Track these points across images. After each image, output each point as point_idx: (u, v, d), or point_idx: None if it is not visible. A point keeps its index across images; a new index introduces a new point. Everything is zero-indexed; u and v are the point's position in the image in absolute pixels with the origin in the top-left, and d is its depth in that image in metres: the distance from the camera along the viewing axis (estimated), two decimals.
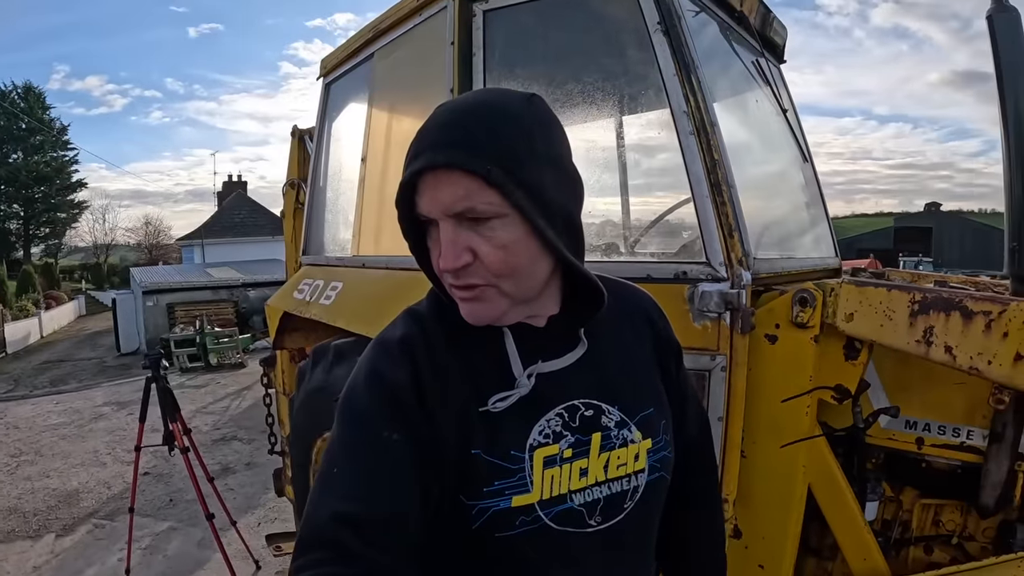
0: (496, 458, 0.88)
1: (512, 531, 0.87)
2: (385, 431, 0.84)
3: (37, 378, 14.98)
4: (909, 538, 2.02)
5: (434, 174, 0.83)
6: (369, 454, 0.83)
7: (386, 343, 0.94)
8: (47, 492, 6.37)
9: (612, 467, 0.95)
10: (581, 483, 0.92)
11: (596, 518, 0.93)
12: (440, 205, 0.83)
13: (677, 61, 1.90)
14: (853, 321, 1.74)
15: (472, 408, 0.89)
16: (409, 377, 0.88)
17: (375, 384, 0.89)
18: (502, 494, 0.87)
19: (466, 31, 2.32)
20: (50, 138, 48.16)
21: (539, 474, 0.89)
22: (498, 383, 0.91)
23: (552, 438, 0.91)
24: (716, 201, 1.84)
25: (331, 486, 0.82)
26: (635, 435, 0.98)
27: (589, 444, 0.94)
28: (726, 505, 1.91)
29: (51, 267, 40.23)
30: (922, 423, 1.91)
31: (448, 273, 0.87)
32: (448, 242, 0.84)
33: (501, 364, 0.93)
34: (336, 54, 3.49)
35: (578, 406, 0.95)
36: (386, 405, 0.86)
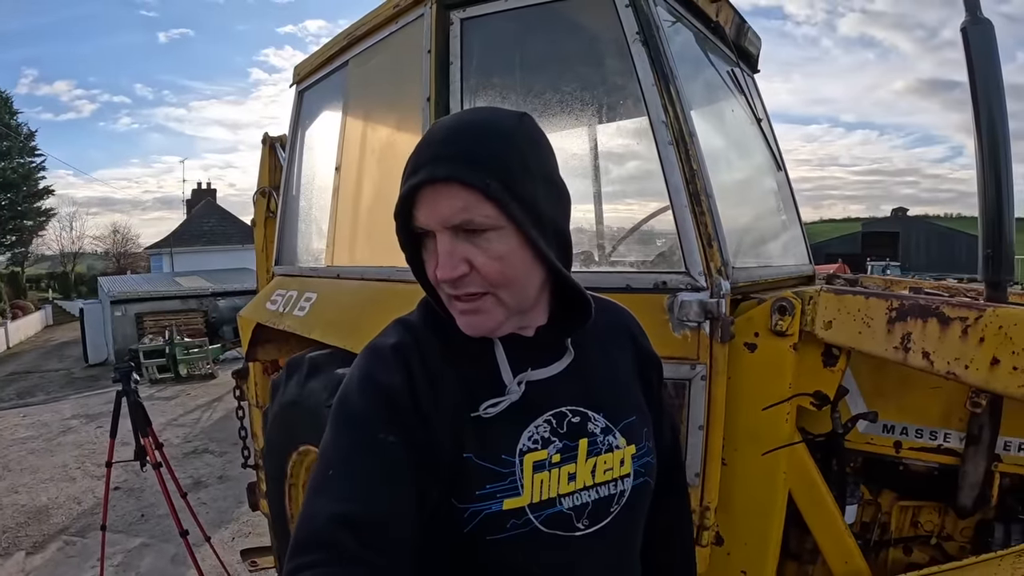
0: (487, 462, 0.90)
1: (503, 534, 0.89)
2: (380, 433, 0.85)
3: (3, 390, 14.62)
4: (888, 540, 2.04)
5: (433, 187, 0.86)
6: (365, 456, 0.84)
7: (379, 349, 0.95)
8: (16, 508, 6.21)
9: (599, 472, 0.98)
10: (570, 487, 0.95)
11: (584, 521, 0.95)
12: (439, 217, 0.87)
13: (656, 71, 1.90)
14: (832, 329, 1.76)
15: (464, 414, 0.91)
16: (403, 382, 0.89)
17: (369, 388, 0.90)
18: (493, 497, 0.89)
19: (443, 39, 2.31)
20: (17, 144, 47.01)
21: (529, 478, 0.91)
22: (489, 390, 0.94)
23: (541, 443, 0.94)
24: (695, 211, 1.85)
25: (327, 489, 0.82)
26: (620, 441, 1.02)
27: (576, 449, 0.97)
28: (708, 513, 1.92)
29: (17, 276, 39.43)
30: (899, 427, 1.94)
31: (446, 283, 0.90)
32: (446, 253, 0.87)
33: (491, 372, 0.95)
34: (310, 61, 3.44)
35: (565, 413, 0.98)
36: (380, 408, 0.87)
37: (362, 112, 3.02)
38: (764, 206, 2.91)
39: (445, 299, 0.94)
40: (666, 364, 1.86)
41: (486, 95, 2.39)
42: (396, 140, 2.72)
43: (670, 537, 1.30)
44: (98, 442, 8.59)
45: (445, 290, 0.92)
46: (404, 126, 2.51)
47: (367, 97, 2.97)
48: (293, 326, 2.93)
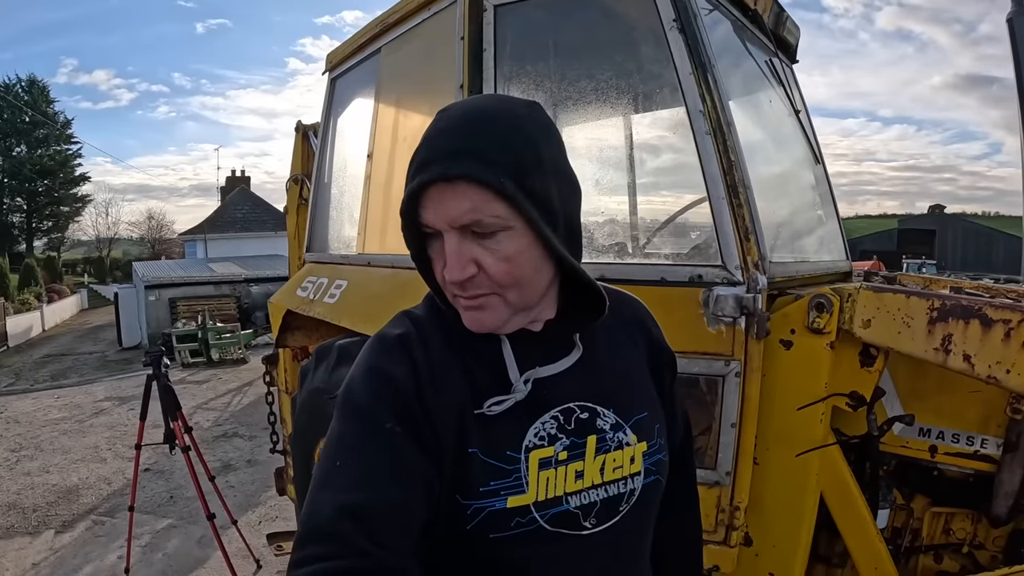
0: (492, 458, 0.88)
1: (507, 532, 0.87)
2: (387, 423, 0.84)
3: (38, 372, 14.98)
4: (919, 546, 2.00)
5: (441, 186, 0.82)
6: (370, 446, 0.83)
7: (384, 340, 0.94)
8: (47, 488, 6.34)
9: (608, 470, 0.96)
10: (577, 485, 0.92)
11: (591, 520, 0.93)
12: (446, 217, 0.84)
13: (693, 60, 1.86)
14: (870, 328, 1.71)
15: (469, 409, 0.89)
16: (408, 372, 0.88)
17: (374, 378, 0.89)
18: (497, 494, 0.87)
19: (476, 26, 2.29)
20: (54, 132, 48.20)
21: (534, 475, 0.89)
22: (495, 387, 0.92)
23: (548, 440, 0.92)
24: (732, 203, 1.81)
25: (332, 480, 0.81)
26: (630, 438, 0.99)
27: (584, 447, 0.94)
28: (737, 512, 1.88)
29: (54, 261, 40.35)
30: (936, 431, 1.89)
31: (454, 285, 0.88)
32: (453, 254, 0.85)
33: (497, 368, 0.93)
34: (342, 49, 3.45)
35: (573, 409, 0.95)
36: (386, 398, 0.86)
37: (394, 99, 3.01)
38: (802, 200, 2.85)
39: (450, 296, 0.92)
40: (700, 360, 1.85)
41: (520, 83, 2.36)
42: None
43: (677, 537, 1.26)
44: (129, 424, 8.74)
45: (452, 290, 0.90)
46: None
47: (399, 84, 2.96)
48: (323, 313, 2.94)
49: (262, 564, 4.48)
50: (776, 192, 2.62)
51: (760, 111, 2.56)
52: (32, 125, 46.06)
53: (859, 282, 2.40)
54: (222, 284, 18.75)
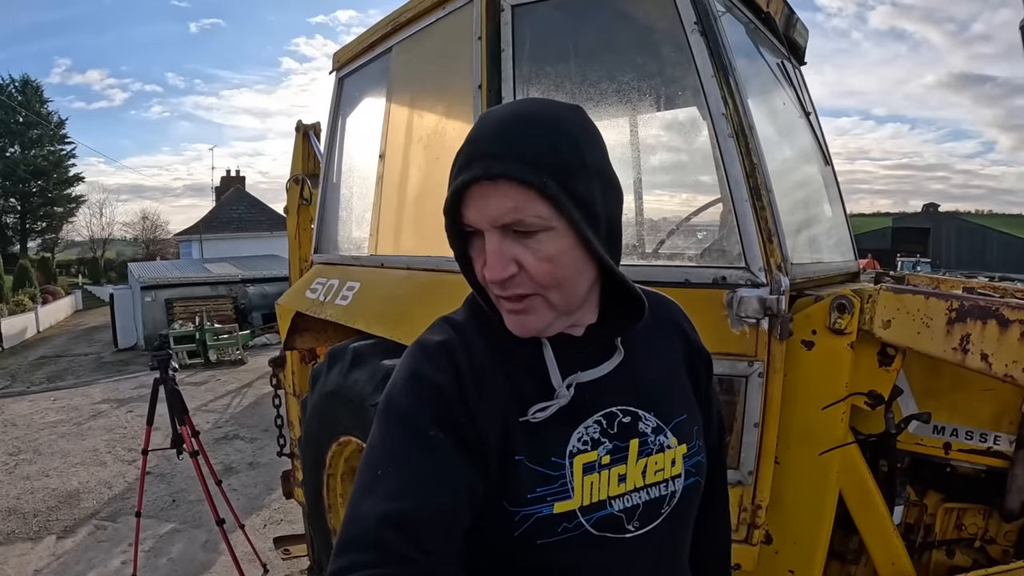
0: (538, 465, 0.89)
1: (554, 538, 0.87)
2: (431, 431, 0.84)
3: (34, 374, 14.88)
4: (932, 541, 2.03)
5: (484, 185, 0.83)
6: (414, 454, 0.83)
7: (426, 346, 0.93)
8: (47, 492, 6.30)
9: (650, 473, 0.97)
10: (620, 489, 0.93)
11: (635, 523, 0.94)
12: (488, 216, 0.84)
13: (715, 62, 1.88)
14: (890, 328, 1.74)
15: (513, 415, 0.90)
16: (452, 379, 0.88)
17: (417, 385, 0.88)
18: (544, 500, 0.88)
19: (494, 26, 2.29)
20: (48, 132, 47.99)
21: (579, 480, 0.90)
22: (537, 392, 0.92)
23: (591, 445, 0.93)
24: (755, 205, 1.83)
25: (375, 488, 0.80)
26: (671, 441, 0.99)
27: (627, 450, 0.95)
28: (759, 511, 1.90)
29: (48, 261, 40.11)
30: (950, 428, 1.92)
31: (494, 284, 0.88)
32: (494, 253, 0.85)
33: (540, 374, 0.94)
34: (351, 47, 3.43)
35: (616, 413, 0.96)
36: (429, 405, 0.86)
37: (407, 99, 3.01)
38: (815, 201, 2.88)
39: (493, 298, 0.92)
40: (723, 360, 1.87)
41: (539, 84, 2.37)
42: (444, 127, 2.70)
43: (709, 536, 1.26)
44: (128, 427, 8.72)
45: (494, 291, 0.90)
46: (452, 113, 2.50)
47: (412, 83, 2.95)
48: (336, 315, 2.93)
49: (269, 568, 4.44)
50: (792, 194, 2.64)
51: (774, 113, 2.58)
52: (26, 125, 45.88)
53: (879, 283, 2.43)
54: (218, 285, 18.67)
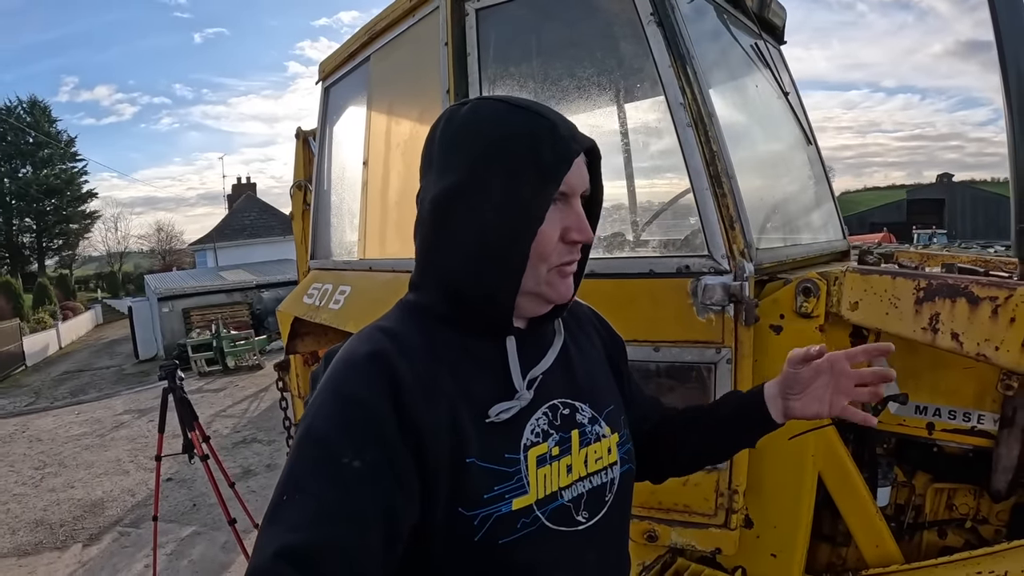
0: (492, 463, 0.88)
1: (514, 535, 0.87)
2: (344, 457, 0.78)
3: (57, 389, 15.19)
4: (923, 522, 2.01)
5: (579, 155, 0.94)
6: (322, 483, 0.78)
7: (352, 361, 0.87)
8: (72, 503, 6.47)
9: (591, 462, 0.99)
10: (568, 479, 0.95)
11: (583, 514, 0.96)
12: (583, 182, 0.96)
13: (672, 52, 1.88)
14: (858, 310, 1.73)
15: (462, 418, 0.87)
16: (384, 394, 0.83)
17: (338, 405, 0.84)
18: (502, 499, 0.87)
19: (459, 31, 2.32)
20: (58, 151, 48.61)
21: (534, 474, 0.91)
22: (491, 389, 0.92)
23: (542, 436, 0.94)
24: (716, 193, 1.83)
25: (278, 517, 0.76)
26: (605, 430, 1.03)
27: (571, 441, 0.97)
28: (736, 496, 1.91)
29: (66, 278, 40.76)
30: (932, 408, 1.90)
31: (576, 245, 0.96)
32: (581, 215, 0.95)
33: (494, 370, 0.94)
34: (333, 57, 3.48)
35: (557, 405, 0.98)
36: (349, 427, 0.81)
37: (385, 106, 3.04)
38: (794, 182, 2.86)
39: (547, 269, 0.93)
40: (691, 348, 1.88)
41: (504, 84, 2.39)
42: (419, 133, 2.73)
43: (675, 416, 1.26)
44: (150, 436, 8.85)
45: (563, 257, 0.94)
46: (426, 119, 2.52)
47: (390, 91, 2.98)
48: (329, 319, 2.98)
49: None
50: (765, 176, 2.64)
51: (746, 96, 2.57)
52: (36, 146, 46.50)
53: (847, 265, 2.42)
54: (234, 291, 18.94)
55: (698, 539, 2.00)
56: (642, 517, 2.10)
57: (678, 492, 2.03)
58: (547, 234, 0.91)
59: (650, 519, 2.08)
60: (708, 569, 2.08)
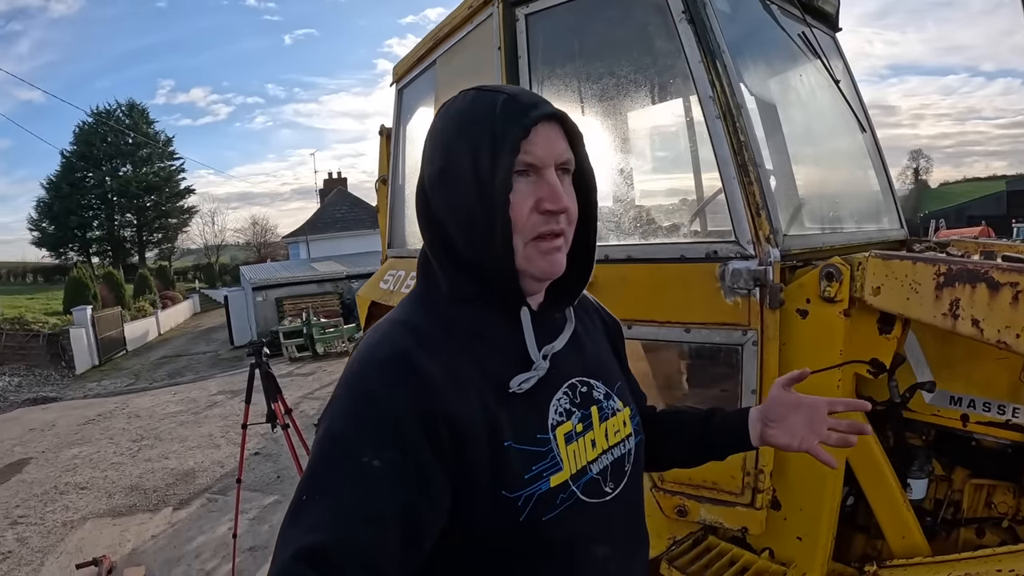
0: (526, 444, 0.90)
1: (555, 511, 0.90)
2: (364, 456, 0.78)
3: (156, 372, 16.32)
4: (960, 519, 1.99)
5: (547, 125, 0.92)
6: (341, 483, 0.78)
7: (371, 358, 0.88)
8: (166, 471, 7.00)
9: (611, 435, 1.04)
10: (594, 453, 0.99)
11: (610, 485, 1.00)
12: (553, 153, 0.92)
13: (702, 48, 1.96)
14: (880, 295, 1.74)
15: (491, 402, 0.89)
16: (406, 390, 0.83)
17: (359, 403, 0.84)
18: (541, 477, 0.89)
19: (511, 35, 2.46)
20: (156, 150, 51.90)
21: (564, 451, 0.94)
22: (510, 369, 0.93)
23: (565, 415, 0.97)
24: (743, 181, 1.90)
25: (298, 517, 0.77)
26: (618, 404, 1.08)
27: (591, 417, 1.01)
28: (762, 476, 1.97)
29: (165, 269, 43.32)
30: (967, 399, 1.88)
31: (551, 216, 0.92)
32: (556, 184, 0.92)
33: (511, 349, 0.95)
34: (405, 61, 3.69)
35: (576, 384, 1.02)
36: (369, 426, 0.81)
37: None
38: (840, 171, 2.85)
39: (525, 241, 0.92)
40: (719, 330, 1.96)
41: (551, 85, 2.52)
42: None
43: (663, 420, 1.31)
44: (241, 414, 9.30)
45: (539, 228, 0.92)
46: None
47: (453, 93, 3.14)
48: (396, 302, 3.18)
49: None
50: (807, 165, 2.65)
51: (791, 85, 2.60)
52: (135, 146, 49.78)
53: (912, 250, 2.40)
54: (325, 282, 19.78)
55: (725, 516, 2.07)
56: (673, 492, 2.19)
57: (707, 469, 2.08)
58: (516, 206, 0.90)
59: (681, 494, 2.17)
60: (737, 548, 2.14)
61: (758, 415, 1.21)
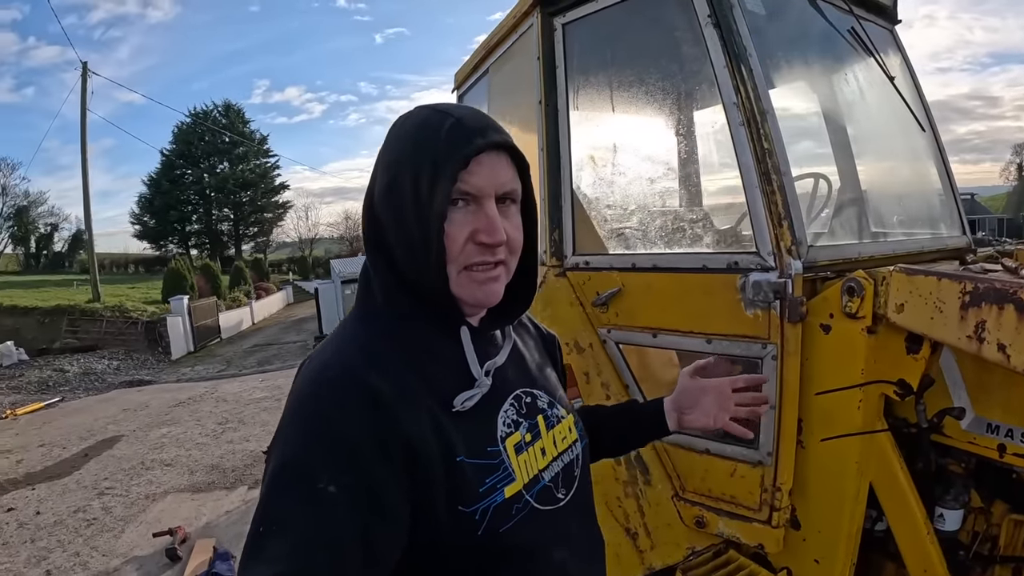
0: (478, 458, 0.90)
1: (511, 521, 0.90)
2: (320, 482, 0.76)
3: (246, 359, 17.17)
4: (996, 555, 1.87)
5: (490, 154, 0.89)
6: (298, 511, 0.75)
7: (322, 380, 0.86)
8: (245, 453, 7.39)
9: (559, 442, 1.06)
10: (544, 461, 1.00)
11: (561, 491, 1.01)
12: (495, 183, 0.90)
13: (727, 53, 1.92)
14: (904, 312, 1.63)
15: (441, 418, 0.88)
16: (358, 412, 0.81)
17: (312, 427, 0.81)
18: (495, 489, 0.90)
19: (549, 45, 2.48)
20: (252, 148, 54.56)
21: (515, 461, 0.94)
22: (456, 386, 0.92)
23: (513, 426, 0.98)
24: (765, 190, 1.84)
25: (258, 550, 0.74)
26: (562, 412, 1.10)
27: (539, 426, 1.02)
28: (779, 494, 1.91)
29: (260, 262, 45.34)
30: (1004, 428, 1.74)
31: (486, 248, 0.90)
32: (495, 217, 0.90)
33: (455, 367, 0.95)
34: (464, 67, 3.76)
35: (521, 395, 1.03)
36: (323, 450, 0.79)
37: (499, 113, 3.25)
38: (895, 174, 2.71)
39: (459, 269, 0.91)
40: (739, 342, 1.92)
41: (585, 93, 2.52)
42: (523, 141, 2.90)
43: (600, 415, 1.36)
44: None
45: (472, 258, 0.91)
46: (528, 128, 2.67)
47: (503, 100, 3.18)
48: None
49: None
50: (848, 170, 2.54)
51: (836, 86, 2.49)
52: (232, 144, 52.50)
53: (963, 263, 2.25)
54: None
55: (743, 532, 2.02)
56: (693, 502, 2.15)
57: (726, 482, 2.06)
58: (450, 235, 0.89)
59: (700, 505, 2.13)
60: (755, 565, 2.08)
61: (672, 404, 1.31)
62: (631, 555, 2.08)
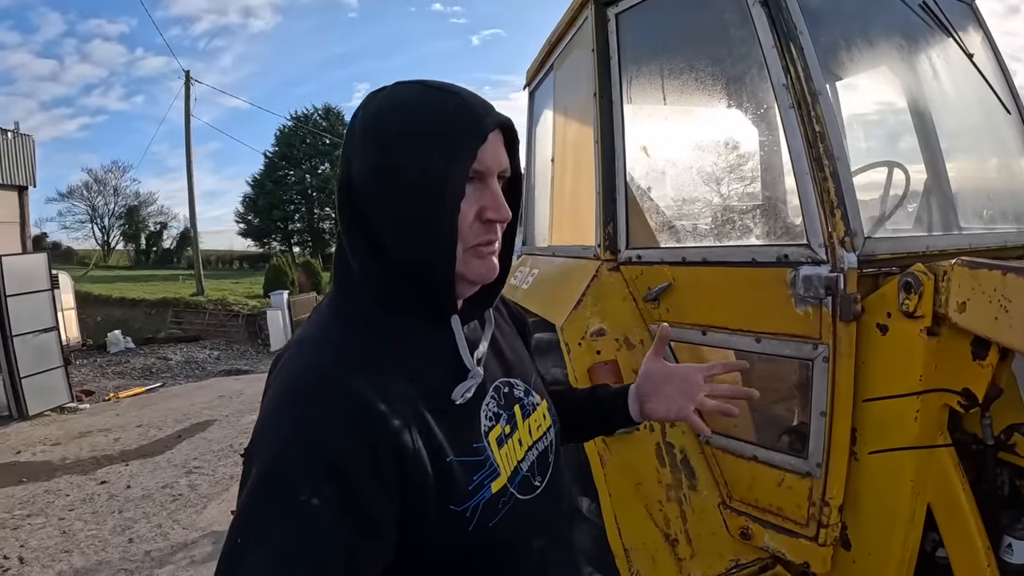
0: (466, 456, 0.88)
1: (499, 515, 0.90)
2: (302, 494, 0.72)
3: None
4: None
5: (496, 133, 0.91)
6: (278, 524, 0.72)
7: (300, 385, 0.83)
8: None
9: (534, 430, 1.04)
10: (521, 452, 0.99)
11: (538, 479, 1.01)
12: (500, 162, 0.92)
13: (776, 31, 1.79)
14: (966, 312, 1.45)
15: (426, 415, 0.85)
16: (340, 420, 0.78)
17: (291, 434, 0.77)
18: (483, 486, 0.89)
19: (603, 36, 2.43)
20: None
21: (498, 455, 0.93)
22: (445, 378, 0.90)
23: (495, 419, 0.96)
24: (816, 177, 1.70)
25: (236, 563, 0.71)
26: (537, 399, 1.08)
27: (515, 417, 1.01)
28: (828, 509, 1.76)
29: None
30: None
31: (493, 225, 0.92)
32: (498, 194, 0.91)
33: (443, 357, 0.93)
34: (533, 65, 3.78)
35: (500, 385, 1.01)
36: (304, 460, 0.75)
37: (563, 108, 3.24)
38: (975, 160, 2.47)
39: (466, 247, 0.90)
40: (789, 342, 1.80)
41: (638, 84, 2.44)
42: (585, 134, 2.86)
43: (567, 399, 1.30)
44: None
45: (479, 237, 0.91)
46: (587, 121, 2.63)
47: (567, 94, 3.17)
48: (520, 298, 3.27)
49: None
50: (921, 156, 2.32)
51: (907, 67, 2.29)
52: (332, 146, 53.32)
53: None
54: None
55: (788, 547, 1.88)
56: (739, 512, 2.03)
57: (774, 492, 1.92)
58: (462, 213, 0.88)
59: (747, 515, 2.00)
60: None
61: (635, 391, 1.23)
62: (668, 562, 1.97)
